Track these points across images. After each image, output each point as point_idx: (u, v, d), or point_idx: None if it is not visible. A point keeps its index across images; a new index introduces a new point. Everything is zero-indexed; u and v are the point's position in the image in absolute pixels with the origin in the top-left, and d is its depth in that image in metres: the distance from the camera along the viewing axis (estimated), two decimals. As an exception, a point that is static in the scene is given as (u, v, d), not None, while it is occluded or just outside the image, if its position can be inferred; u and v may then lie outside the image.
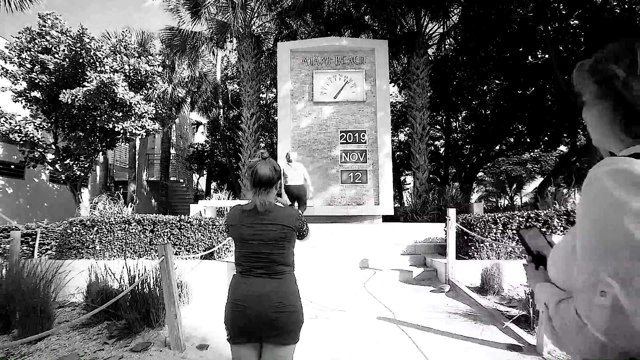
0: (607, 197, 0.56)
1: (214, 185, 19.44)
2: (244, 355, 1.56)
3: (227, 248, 5.38)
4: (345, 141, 8.77)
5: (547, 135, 14.31)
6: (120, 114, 8.24)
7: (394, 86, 16.32)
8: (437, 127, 18.53)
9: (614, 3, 9.81)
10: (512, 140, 16.30)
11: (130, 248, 5.18)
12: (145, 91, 9.21)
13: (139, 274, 3.53)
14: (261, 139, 13.42)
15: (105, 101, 7.98)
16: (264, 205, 1.57)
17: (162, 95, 10.55)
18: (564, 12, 10.48)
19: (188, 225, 5.23)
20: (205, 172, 19.42)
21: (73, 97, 7.61)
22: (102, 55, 8.16)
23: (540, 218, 5.04)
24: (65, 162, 8.58)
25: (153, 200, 16.94)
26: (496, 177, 27.05)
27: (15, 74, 8.07)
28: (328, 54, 9.02)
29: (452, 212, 4.92)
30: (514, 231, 5.01)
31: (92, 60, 8.15)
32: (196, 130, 21.44)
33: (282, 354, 1.53)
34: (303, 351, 2.87)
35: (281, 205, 1.66)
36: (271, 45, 13.85)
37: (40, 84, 8.06)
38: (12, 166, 11.23)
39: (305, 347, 2.95)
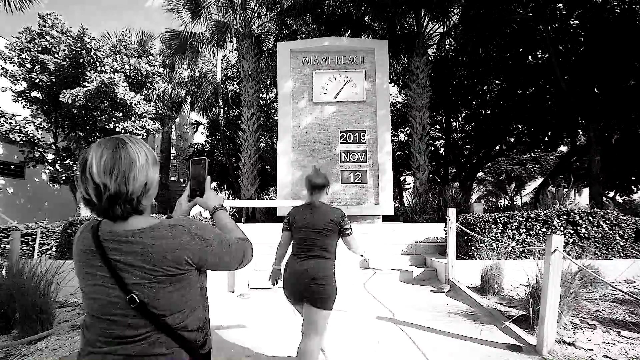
0: None
1: (213, 185, 19.40)
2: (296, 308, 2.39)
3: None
4: (345, 141, 8.77)
5: (547, 135, 14.28)
6: (121, 114, 8.24)
7: (394, 86, 16.31)
8: (437, 127, 18.51)
9: (614, 3, 9.78)
10: (512, 140, 16.27)
11: (130, 248, 5.17)
12: (146, 91, 9.20)
13: (139, 274, 3.52)
14: (261, 139, 13.41)
15: (106, 101, 7.98)
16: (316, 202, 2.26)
17: (162, 95, 10.54)
18: (564, 12, 10.46)
19: (188, 225, 5.23)
20: (205, 172, 19.40)
21: (73, 97, 7.61)
22: (102, 55, 8.16)
23: (540, 218, 5.04)
24: (65, 162, 8.58)
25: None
26: (496, 177, 27.02)
27: (15, 74, 8.07)
28: (328, 54, 9.02)
29: (452, 212, 4.92)
30: (513, 230, 5.02)
31: (92, 60, 8.15)
32: (196, 130, 21.43)
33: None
34: (303, 351, 2.87)
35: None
36: (271, 45, 13.85)
37: (40, 84, 8.06)
38: (12, 166, 11.24)
39: (305, 347, 2.94)
